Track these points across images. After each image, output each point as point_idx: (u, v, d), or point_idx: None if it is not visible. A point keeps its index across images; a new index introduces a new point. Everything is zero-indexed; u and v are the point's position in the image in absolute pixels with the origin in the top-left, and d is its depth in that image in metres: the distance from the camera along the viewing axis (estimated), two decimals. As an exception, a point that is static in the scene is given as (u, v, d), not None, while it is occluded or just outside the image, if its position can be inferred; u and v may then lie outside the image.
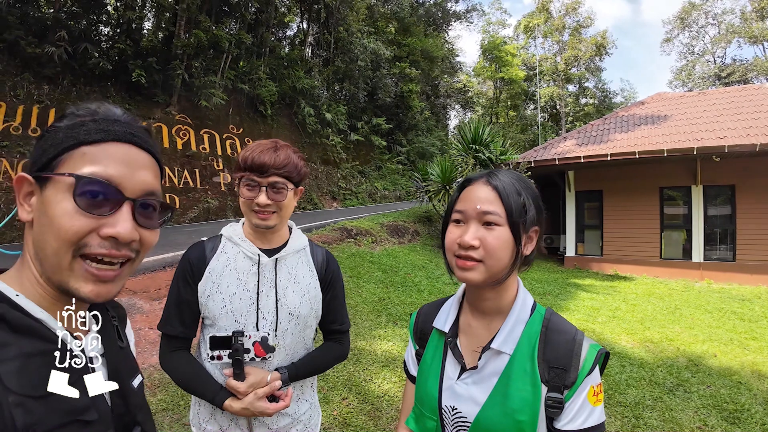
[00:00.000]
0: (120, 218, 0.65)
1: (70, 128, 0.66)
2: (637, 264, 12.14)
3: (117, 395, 0.72)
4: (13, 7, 13.14)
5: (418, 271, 9.36)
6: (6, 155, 11.23)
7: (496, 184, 0.97)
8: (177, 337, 1.41)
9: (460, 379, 1.01)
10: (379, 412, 3.60)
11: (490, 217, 0.94)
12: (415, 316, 1.24)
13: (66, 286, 0.64)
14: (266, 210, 1.36)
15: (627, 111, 15.25)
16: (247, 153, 1.35)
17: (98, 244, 0.63)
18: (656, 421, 3.72)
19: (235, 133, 19.04)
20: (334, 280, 1.58)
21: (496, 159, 12.96)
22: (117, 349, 0.77)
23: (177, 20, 16.86)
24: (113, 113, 0.70)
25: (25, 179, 0.66)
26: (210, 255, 1.43)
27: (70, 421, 0.60)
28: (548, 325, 0.98)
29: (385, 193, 27.75)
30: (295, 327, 1.44)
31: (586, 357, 0.93)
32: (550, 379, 0.92)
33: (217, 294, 1.37)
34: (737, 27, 41.97)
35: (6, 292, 0.64)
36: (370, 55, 27.19)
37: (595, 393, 0.92)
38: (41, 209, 0.64)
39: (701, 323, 6.80)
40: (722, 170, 11.04)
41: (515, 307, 1.01)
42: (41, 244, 0.64)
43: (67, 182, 0.62)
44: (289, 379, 1.40)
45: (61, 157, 0.64)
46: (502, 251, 0.93)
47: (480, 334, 1.04)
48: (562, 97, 49.14)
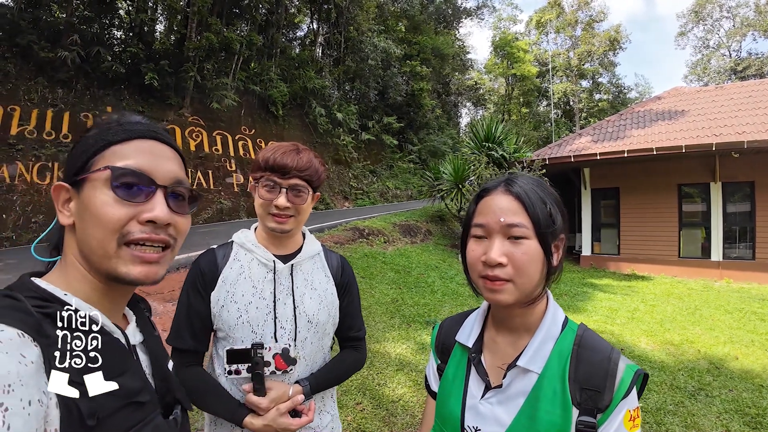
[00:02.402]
0: (156, 203, 0.72)
1: (98, 133, 0.73)
2: (655, 263, 11.95)
3: (159, 378, 0.79)
4: (24, 12, 13.29)
5: (431, 272, 9.30)
6: (21, 159, 11.38)
7: (518, 192, 0.89)
8: (188, 351, 1.34)
9: (484, 398, 0.94)
10: (394, 418, 3.56)
11: (517, 230, 0.86)
12: (437, 329, 1.17)
13: (116, 273, 0.70)
14: (284, 213, 1.31)
15: (643, 106, 15.04)
16: (268, 153, 1.31)
17: (139, 230, 0.70)
18: (678, 427, 3.63)
19: (247, 134, 19.11)
20: (350, 285, 1.53)
21: (510, 157, 12.86)
22: (153, 337, 0.86)
23: (188, 23, 16.95)
24: (136, 117, 0.78)
25: (62, 187, 0.72)
26: (222, 263, 1.37)
27: (126, 403, 0.66)
28: (581, 342, 0.91)
29: (397, 192, 27.66)
30: (314, 335, 1.38)
31: (622, 378, 0.85)
32: (582, 402, 0.84)
33: (231, 303, 1.31)
34: (752, 20, 41.29)
35: (54, 293, 0.68)
36: (381, 54, 27.11)
37: (631, 418, 0.84)
38: (81, 209, 0.70)
39: (722, 324, 6.66)
40: (741, 166, 10.84)
41: (544, 322, 0.94)
42: (86, 239, 0.70)
43: (103, 177, 0.69)
44: (311, 392, 1.34)
45: (93, 159, 0.71)
46: (533, 267, 0.86)
47: (505, 350, 0.97)
48: (575, 93, 48.69)
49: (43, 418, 0.56)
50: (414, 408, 3.72)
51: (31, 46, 12.72)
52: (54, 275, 0.73)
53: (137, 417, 0.68)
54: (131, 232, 0.69)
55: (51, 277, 0.73)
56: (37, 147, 11.84)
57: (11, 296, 0.63)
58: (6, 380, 0.52)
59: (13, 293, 0.64)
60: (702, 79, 45.37)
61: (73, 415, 0.59)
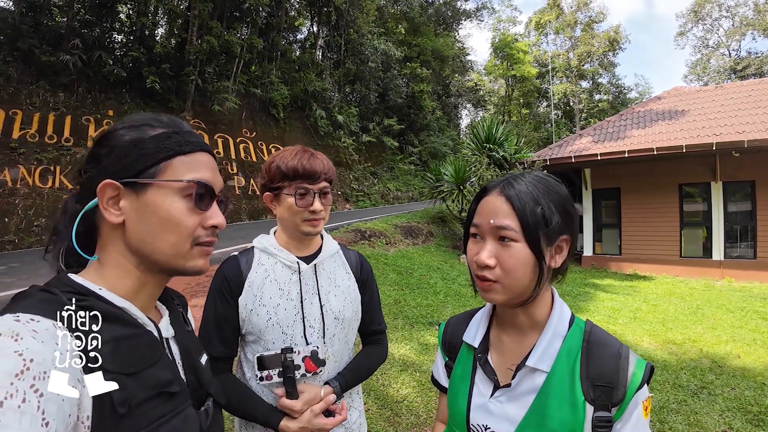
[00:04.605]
0: (215, 211, 0.81)
1: (158, 140, 0.76)
2: (656, 263, 11.94)
3: (190, 372, 0.83)
4: (26, 16, 13.36)
5: (433, 273, 9.31)
6: (23, 162, 11.42)
7: (509, 194, 0.88)
8: (219, 357, 1.35)
9: (494, 396, 0.95)
10: (399, 418, 3.57)
11: (505, 233, 0.86)
12: (443, 327, 1.19)
13: (184, 268, 0.78)
14: (318, 216, 1.34)
15: (643, 106, 15.03)
16: (294, 162, 1.32)
17: (205, 234, 0.79)
18: (681, 425, 3.64)
19: (248, 137, 19.16)
20: (370, 281, 1.56)
21: (511, 158, 12.86)
22: (185, 332, 0.90)
23: (189, 26, 17.03)
24: (186, 126, 0.83)
25: (110, 185, 0.73)
26: (246, 268, 1.39)
27: (157, 393, 0.69)
28: (589, 338, 0.91)
29: (398, 194, 27.69)
30: (341, 331, 1.41)
31: (634, 372, 0.86)
32: (596, 398, 0.85)
33: (260, 307, 1.33)
34: (751, 19, 41.34)
35: (90, 287, 0.71)
36: (381, 56, 27.17)
37: (645, 407, 0.87)
38: (144, 211, 0.74)
39: (724, 323, 6.66)
40: (742, 166, 10.82)
41: (551, 321, 0.94)
42: (152, 240, 0.75)
43: (179, 186, 0.75)
44: (341, 391, 1.36)
45: (159, 165, 0.75)
46: (521, 270, 0.86)
47: (513, 349, 0.98)
48: (575, 94, 48.72)
49: (76, 404, 0.59)
50: (418, 408, 3.74)
51: (33, 50, 12.78)
52: (89, 272, 0.76)
53: (168, 407, 0.71)
54: (200, 236, 0.79)
55: (87, 274, 0.76)
56: (38, 150, 11.89)
57: (48, 290, 0.67)
58: (42, 367, 0.55)
59: (49, 288, 0.68)
60: (702, 79, 45.41)
61: (105, 402, 0.62)
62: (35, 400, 0.53)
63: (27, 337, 0.56)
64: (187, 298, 1.26)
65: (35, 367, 0.55)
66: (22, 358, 0.54)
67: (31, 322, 0.59)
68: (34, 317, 0.60)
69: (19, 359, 0.54)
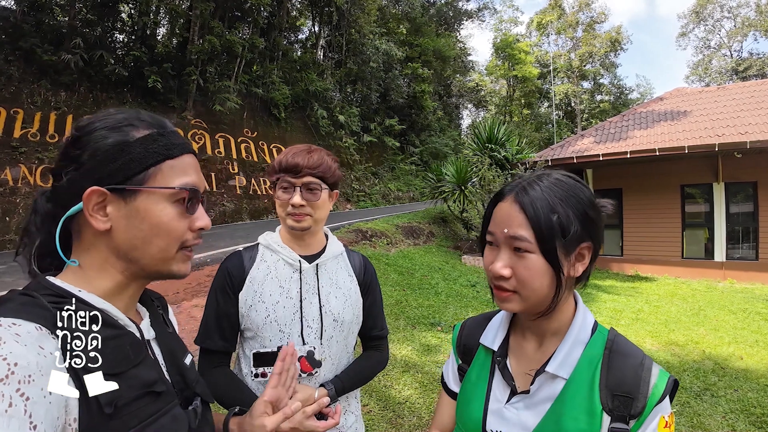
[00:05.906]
0: (201, 213, 0.81)
1: (145, 143, 0.74)
2: (658, 264, 11.91)
3: (175, 372, 0.83)
4: (27, 16, 13.37)
5: (434, 273, 9.30)
6: (24, 161, 11.42)
7: (524, 201, 0.84)
8: (218, 352, 1.37)
9: (510, 402, 0.92)
10: (401, 420, 3.56)
11: (519, 243, 0.83)
12: (458, 328, 1.15)
13: (170, 272, 0.79)
14: (301, 211, 1.33)
15: (645, 107, 15.00)
16: (282, 156, 1.35)
17: (192, 237, 0.80)
18: (684, 426, 3.63)
19: (249, 137, 19.15)
20: (373, 285, 1.55)
21: (512, 158, 12.85)
22: (167, 333, 0.89)
23: (191, 26, 17.03)
24: (169, 124, 0.81)
25: (97, 191, 0.70)
26: (249, 264, 1.40)
27: (143, 393, 0.69)
28: (612, 347, 0.88)
29: (399, 194, 27.68)
30: (340, 334, 1.40)
31: (655, 384, 0.82)
32: (614, 408, 0.82)
33: (259, 303, 1.34)
34: (753, 20, 41.39)
35: (70, 290, 0.70)
36: (382, 57, 27.17)
37: (666, 425, 0.82)
38: (134, 217, 0.73)
39: (726, 325, 6.65)
40: (744, 167, 10.78)
41: (573, 327, 0.91)
42: (142, 245, 0.74)
43: (167, 192, 0.74)
44: (336, 395, 1.35)
45: (147, 171, 0.73)
46: (537, 282, 0.83)
47: (532, 355, 0.95)
48: (577, 94, 48.72)
49: (63, 406, 0.59)
50: (420, 409, 3.73)
51: (34, 49, 12.78)
52: (68, 274, 0.75)
53: (155, 407, 0.71)
54: (188, 239, 0.79)
55: (65, 276, 0.75)
56: (40, 150, 11.88)
57: (28, 294, 0.67)
58: (26, 371, 0.55)
59: (29, 292, 0.68)
60: (704, 80, 45.42)
61: (91, 403, 0.62)
62: (21, 404, 0.53)
63: (10, 341, 0.56)
64: (187, 298, 1.24)
65: (20, 371, 0.54)
66: (6, 362, 0.54)
67: (13, 326, 0.59)
68: (15, 321, 0.60)
69: (3, 363, 0.54)
